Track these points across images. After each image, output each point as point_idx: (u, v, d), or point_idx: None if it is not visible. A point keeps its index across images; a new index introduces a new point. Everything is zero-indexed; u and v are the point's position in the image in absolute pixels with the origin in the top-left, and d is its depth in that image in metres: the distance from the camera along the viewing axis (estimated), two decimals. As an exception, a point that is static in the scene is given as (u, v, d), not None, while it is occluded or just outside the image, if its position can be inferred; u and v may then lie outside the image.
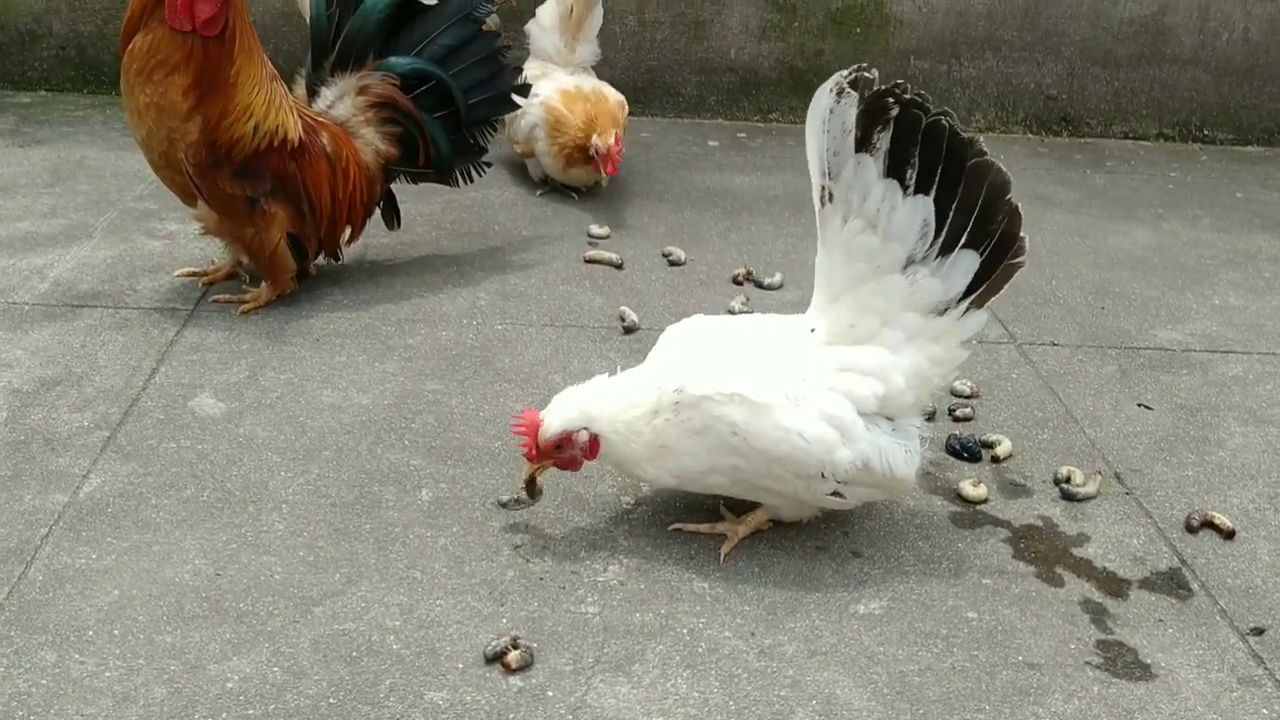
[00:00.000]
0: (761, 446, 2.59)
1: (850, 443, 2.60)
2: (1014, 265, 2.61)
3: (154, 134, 3.44)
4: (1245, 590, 2.80)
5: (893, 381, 2.63)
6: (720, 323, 2.90)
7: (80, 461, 2.97)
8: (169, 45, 3.33)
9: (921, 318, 2.63)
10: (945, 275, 2.59)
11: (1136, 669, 2.53)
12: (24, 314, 3.65)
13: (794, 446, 2.58)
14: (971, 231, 2.56)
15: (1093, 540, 2.94)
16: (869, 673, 2.47)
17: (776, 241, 4.57)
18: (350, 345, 3.60)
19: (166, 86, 3.35)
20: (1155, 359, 3.88)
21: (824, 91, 2.51)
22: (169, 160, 3.48)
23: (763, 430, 2.58)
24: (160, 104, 3.37)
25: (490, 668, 2.41)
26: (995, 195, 2.54)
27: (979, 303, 2.64)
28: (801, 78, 5.98)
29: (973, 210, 2.54)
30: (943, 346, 2.67)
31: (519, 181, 5.00)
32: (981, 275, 2.60)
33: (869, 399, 2.62)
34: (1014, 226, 2.58)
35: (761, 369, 2.63)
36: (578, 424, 2.66)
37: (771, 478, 2.65)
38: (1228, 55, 6.06)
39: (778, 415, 2.58)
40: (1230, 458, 3.33)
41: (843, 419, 2.59)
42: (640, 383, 2.71)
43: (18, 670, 2.33)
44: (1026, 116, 6.14)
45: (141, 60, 3.35)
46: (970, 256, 2.58)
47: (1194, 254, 4.77)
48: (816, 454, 2.59)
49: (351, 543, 2.75)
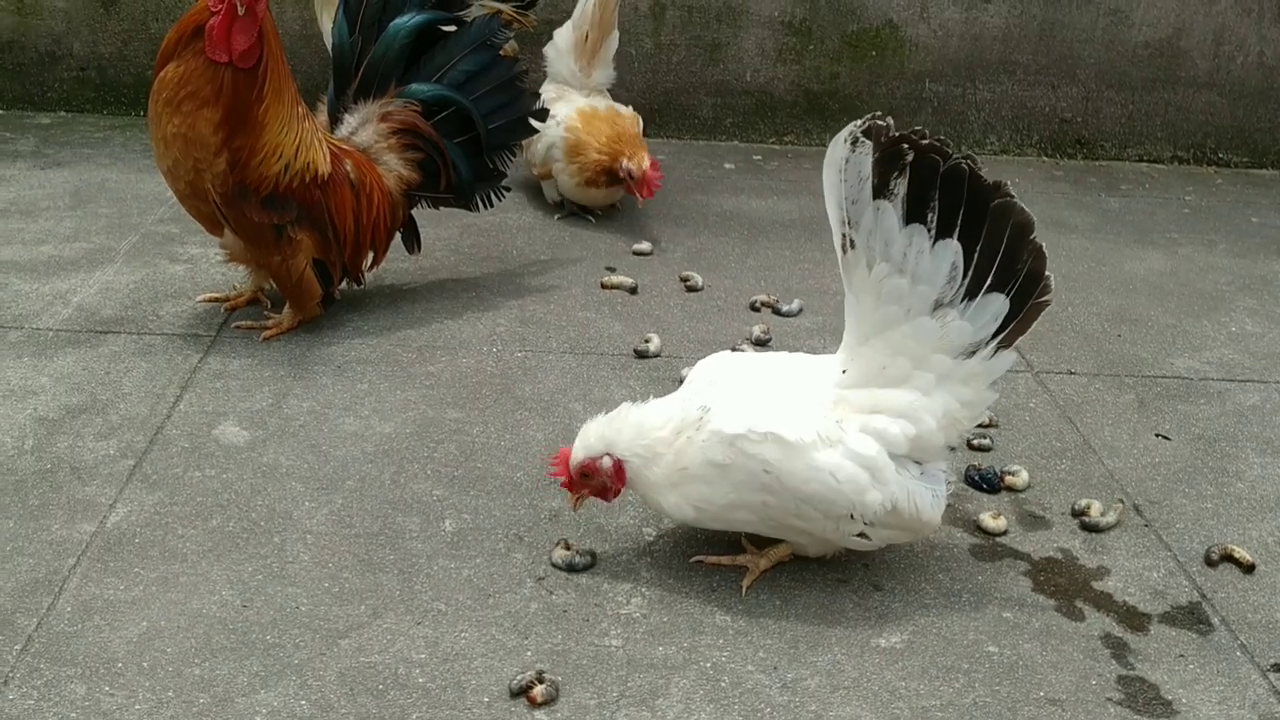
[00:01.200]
0: (793, 485, 2.61)
1: (880, 485, 2.62)
2: (1040, 304, 2.62)
3: (180, 164, 3.47)
4: (1265, 625, 2.81)
5: (924, 423, 2.64)
6: (752, 359, 2.93)
7: (107, 490, 2.99)
8: (200, 77, 3.36)
9: (951, 359, 2.64)
10: (973, 317, 2.60)
11: (1158, 705, 2.54)
12: (48, 340, 3.69)
13: (826, 485, 2.60)
14: (997, 273, 2.57)
15: (1113, 573, 2.95)
16: (891, 708, 2.49)
17: (794, 267, 4.59)
18: (372, 372, 3.63)
19: (195, 119, 3.38)
20: (1173, 388, 3.89)
21: (839, 142, 2.52)
22: (195, 189, 3.51)
23: (795, 470, 2.60)
24: (188, 135, 3.40)
25: (516, 701, 2.43)
26: (1019, 236, 2.55)
27: (1006, 343, 2.65)
28: (817, 100, 6.01)
29: (997, 252, 2.55)
30: (972, 388, 2.68)
31: (536, 205, 5.03)
32: (1009, 316, 2.61)
33: (900, 440, 2.63)
34: (1039, 266, 2.58)
35: (794, 408, 2.65)
36: (598, 450, 2.70)
37: (801, 517, 2.66)
38: (1242, 78, 6.08)
39: (811, 455, 2.60)
40: (1249, 489, 3.34)
41: (874, 460, 2.61)
42: (664, 407, 2.75)
43: (48, 703, 2.35)
44: (1041, 139, 6.16)
45: (171, 90, 3.38)
46: (998, 298, 2.59)
47: (1210, 280, 4.78)
48: (848, 494, 2.60)
49: (376, 574, 2.77)
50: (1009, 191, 2.55)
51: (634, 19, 5.78)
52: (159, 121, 3.45)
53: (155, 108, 3.44)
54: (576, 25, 4.88)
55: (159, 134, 3.47)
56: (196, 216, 3.68)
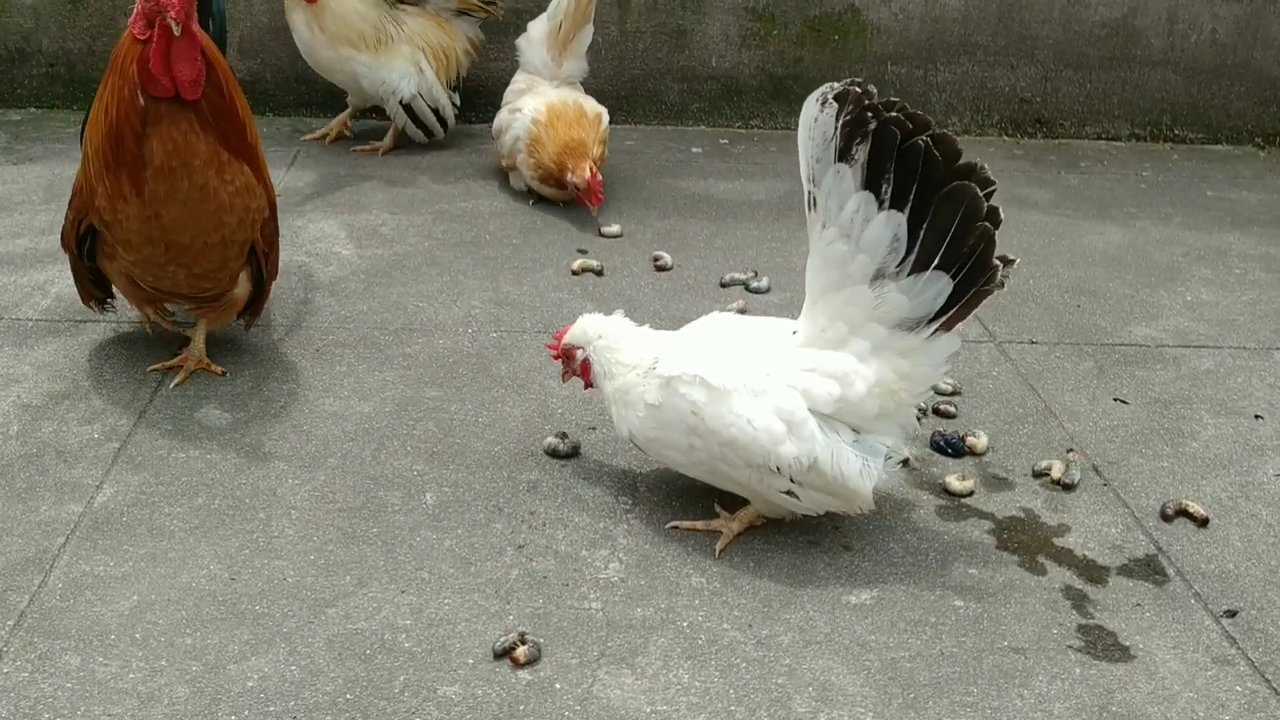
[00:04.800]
0: (715, 428, 2.74)
1: (797, 439, 2.70)
2: (985, 291, 2.64)
3: (210, 231, 3.20)
4: (1218, 575, 2.92)
5: (853, 386, 2.70)
6: (730, 320, 3.06)
7: (93, 472, 3.05)
8: (190, 137, 3.07)
9: (887, 330, 2.69)
10: (915, 294, 2.65)
11: (1116, 651, 2.65)
12: (29, 330, 3.73)
13: (743, 432, 2.71)
14: (945, 254, 2.60)
15: (1073, 530, 3.06)
16: (862, 660, 2.59)
17: (761, 246, 4.68)
18: (350, 355, 3.69)
19: (218, 173, 3.14)
20: (1130, 355, 4.01)
21: (811, 100, 2.62)
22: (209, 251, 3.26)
23: (718, 413, 2.73)
24: (236, 186, 3.20)
25: (499, 663, 2.51)
26: (969, 220, 2.57)
27: (947, 326, 2.69)
28: (782, 85, 6.10)
29: (946, 233, 2.59)
30: (911, 362, 2.73)
31: (508, 191, 5.10)
32: (953, 298, 2.64)
33: (824, 399, 2.71)
34: (988, 251, 2.60)
35: (733, 360, 2.78)
36: (580, 342, 3.01)
37: (725, 462, 2.78)
38: (1196, 56, 6.21)
39: (733, 401, 2.72)
40: (1203, 448, 3.46)
41: (793, 414, 2.70)
42: (640, 340, 2.98)
43: (42, 675, 2.42)
44: (1002, 119, 6.27)
45: (178, 162, 3.08)
46: (942, 278, 2.62)
47: (1166, 252, 4.91)
48: (763, 442, 2.70)
49: (360, 546, 2.84)
50: (984, 176, 2.58)
51: (601, 7, 5.80)
52: (188, 203, 3.13)
53: (158, 202, 3.11)
54: (551, 16, 4.93)
55: (190, 214, 3.14)
56: (203, 285, 3.38)
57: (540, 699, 2.43)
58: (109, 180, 3.12)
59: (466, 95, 5.70)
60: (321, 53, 5.19)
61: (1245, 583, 2.90)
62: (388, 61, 5.17)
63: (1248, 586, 2.89)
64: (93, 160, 3.16)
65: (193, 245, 3.21)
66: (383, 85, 5.21)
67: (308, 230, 4.58)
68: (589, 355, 2.99)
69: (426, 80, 5.27)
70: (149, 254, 3.22)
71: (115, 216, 3.16)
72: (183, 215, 3.15)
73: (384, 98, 5.26)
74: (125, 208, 3.13)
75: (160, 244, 3.19)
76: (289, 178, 5.07)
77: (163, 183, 3.09)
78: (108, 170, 3.12)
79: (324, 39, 5.12)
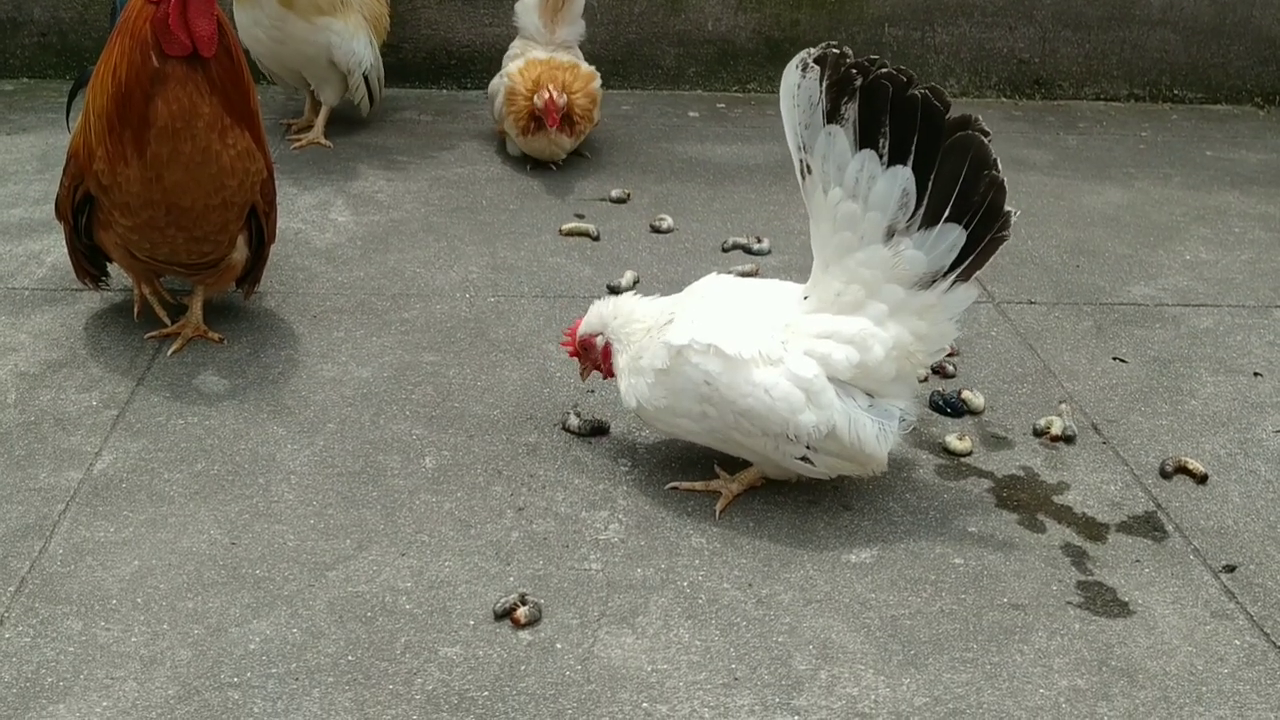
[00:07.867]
0: (731, 398, 2.71)
1: (817, 407, 2.68)
2: (999, 238, 2.64)
3: (211, 194, 3.20)
4: (1217, 531, 2.93)
5: (871, 351, 2.69)
6: (735, 283, 3.01)
7: (92, 439, 3.05)
8: (196, 100, 3.08)
9: (905, 290, 2.69)
10: (929, 248, 2.64)
11: (1115, 607, 2.66)
12: (25, 299, 3.72)
13: (760, 401, 2.69)
14: (955, 205, 2.60)
15: (1072, 488, 3.06)
16: (862, 617, 2.59)
17: (760, 209, 4.66)
18: (347, 321, 3.68)
19: (220, 136, 3.15)
20: (1129, 314, 4.00)
21: (791, 68, 2.61)
22: (209, 213, 3.26)
23: (734, 383, 2.70)
24: (237, 150, 3.20)
25: (500, 624, 2.52)
26: (977, 169, 2.57)
27: (965, 276, 2.69)
28: (778, 48, 6.05)
29: (955, 183, 2.58)
30: (928, 321, 2.73)
31: (505, 157, 5.07)
32: (967, 249, 2.64)
33: (843, 366, 2.70)
34: (999, 199, 2.60)
35: (747, 327, 2.74)
36: (596, 329, 2.97)
37: (740, 431, 2.76)
38: (1195, 15, 6.17)
39: (750, 370, 2.69)
40: (1202, 406, 3.46)
41: (812, 383, 2.68)
42: (653, 304, 2.94)
43: (44, 640, 2.42)
44: (1000, 81, 6.24)
45: (182, 124, 3.08)
46: (955, 230, 2.62)
47: (1165, 212, 4.89)
48: (781, 412, 2.68)
49: (360, 510, 2.85)
50: (981, 127, 2.58)
51: (595, -30, 5.80)
52: (190, 166, 3.13)
53: (164, 162, 3.10)
54: (544, -19, 4.88)
55: (195, 176, 3.15)
56: (199, 250, 3.36)
57: (541, 659, 2.43)
58: (110, 142, 3.11)
59: (462, 62, 5.66)
60: (296, 27, 4.80)
61: (1244, 538, 2.90)
62: (355, 31, 4.95)
63: (1246, 542, 2.89)
64: (95, 122, 3.15)
65: (193, 208, 3.20)
66: (352, 56, 4.92)
67: (303, 197, 4.56)
68: (609, 339, 2.94)
69: (374, 50, 5.09)
70: (148, 217, 3.20)
71: (115, 179, 3.14)
72: (184, 178, 3.14)
73: (350, 69, 4.96)
74: (125, 170, 3.12)
75: (161, 206, 3.18)
76: (285, 144, 5.04)
77: (165, 144, 3.09)
78: (110, 132, 3.10)
79: (295, 15, 4.77)
